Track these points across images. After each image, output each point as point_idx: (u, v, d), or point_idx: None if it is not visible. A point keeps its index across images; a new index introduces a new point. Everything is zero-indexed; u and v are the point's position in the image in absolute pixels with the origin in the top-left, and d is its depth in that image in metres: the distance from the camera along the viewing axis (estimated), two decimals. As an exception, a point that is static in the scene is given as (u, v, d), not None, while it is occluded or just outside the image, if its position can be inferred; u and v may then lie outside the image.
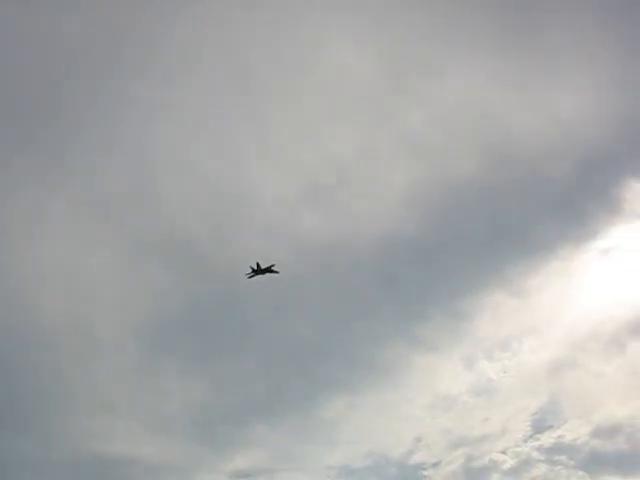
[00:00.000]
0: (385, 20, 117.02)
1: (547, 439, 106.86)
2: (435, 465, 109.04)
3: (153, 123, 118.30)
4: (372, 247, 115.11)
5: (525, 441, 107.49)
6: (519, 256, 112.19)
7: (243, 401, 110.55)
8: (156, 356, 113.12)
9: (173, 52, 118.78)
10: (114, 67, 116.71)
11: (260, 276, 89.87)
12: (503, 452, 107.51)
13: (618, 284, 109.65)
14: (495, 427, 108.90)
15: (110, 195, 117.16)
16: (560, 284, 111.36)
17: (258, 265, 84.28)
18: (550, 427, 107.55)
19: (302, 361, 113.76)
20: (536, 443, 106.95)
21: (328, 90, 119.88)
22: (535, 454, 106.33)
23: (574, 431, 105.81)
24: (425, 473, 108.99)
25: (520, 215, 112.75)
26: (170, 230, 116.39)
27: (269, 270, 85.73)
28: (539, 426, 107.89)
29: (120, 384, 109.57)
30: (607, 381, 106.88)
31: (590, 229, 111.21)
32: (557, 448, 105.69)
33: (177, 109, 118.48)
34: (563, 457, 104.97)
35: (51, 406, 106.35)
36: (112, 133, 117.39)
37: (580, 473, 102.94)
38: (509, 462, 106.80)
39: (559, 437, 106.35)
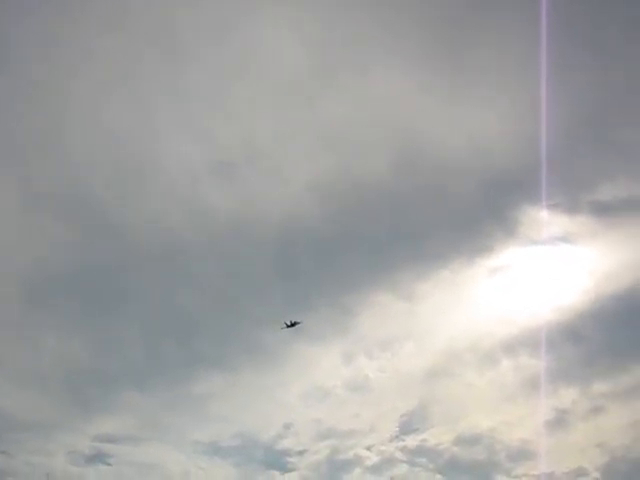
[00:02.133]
0: (321, 15, 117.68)
1: (412, 441, 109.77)
2: (301, 453, 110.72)
3: (67, 74, 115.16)
4: (271, 230, 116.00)
5: (390, 441, 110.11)
6: (412, 262, 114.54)
7: (118, 365, 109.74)
8: (37, 309, 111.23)
9: (100, 10, 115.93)
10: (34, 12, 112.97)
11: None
12: (368, 449, 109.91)
13: (501, 303, 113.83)
14: (364, 424, 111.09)
15: (13, 143, 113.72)
16: (447, 294, 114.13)
17: (291, 322, 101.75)
18: (416, 430, 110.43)
19: (183, 334, 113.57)
20: (401, 444, 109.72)
21: (252, 70, 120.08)
22: (398, 454, 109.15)
23: (438, 437, 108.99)
24: (290, 460, 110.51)
25: (419, 222, 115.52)
26: (71, 185, 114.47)
27: (297, 323, 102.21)
28: (406, 428, 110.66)
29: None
30: (476, 393, 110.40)
31: (484, 246, 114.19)
32: (420, 451, 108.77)
33: (95, 65, 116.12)
34: (424, 460, 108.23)
35: None
36: (20, 79, 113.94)
37: (438, 476, 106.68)
38: (373, 459, 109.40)
39: (423, 440, 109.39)
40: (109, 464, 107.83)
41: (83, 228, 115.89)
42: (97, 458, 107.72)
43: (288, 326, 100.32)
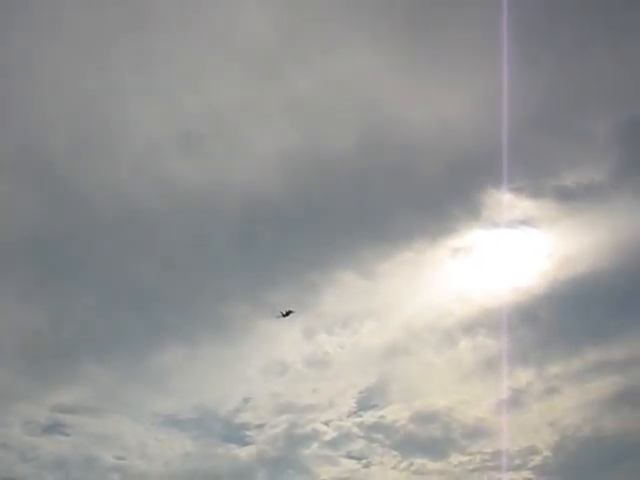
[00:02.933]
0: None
1: (369, 417, 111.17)
2: (259, 427, 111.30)
3: (31, 39, 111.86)
4: (236, 204, 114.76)
5: (348, 416, 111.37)
6: (375, 240, 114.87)
7: (77, 335, 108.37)
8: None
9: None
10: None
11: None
12: (326, 424, 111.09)
13: (462, 283, 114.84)
14: (322, 399, 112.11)
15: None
16: (409, 274, 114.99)
17: (286, 312, 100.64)
18: (374, 407, 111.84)
19: (145, 305, 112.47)
20: (358, 420, 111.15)
21: (221, 43, 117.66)
22: (356, 430, 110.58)
23: (395, 413, 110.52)
24: (248, 433, 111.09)
25: (384, 201, 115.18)
26: (31, 151, 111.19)
27: (290, 312, 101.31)
28: (364, 404, 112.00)
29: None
30: (434, 372, 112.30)
31: (447, 227, 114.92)
32: (377, 427, 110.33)
33: (61, 31, 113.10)
34: (381, 436, 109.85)
35: None
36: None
37: (394, 452, 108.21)
38: (330, 434, 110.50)
39: (380, 417, 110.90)
40: (67, 434, 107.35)
41: (42, 194, 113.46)
42: (54, 429, 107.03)
43: (283, 315, 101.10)
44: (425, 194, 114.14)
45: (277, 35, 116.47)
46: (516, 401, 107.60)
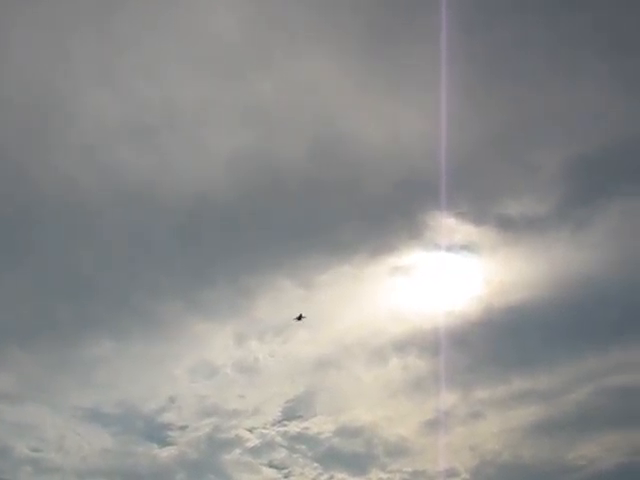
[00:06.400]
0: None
1: (294, 428, 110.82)
2: (182, 428, 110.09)
3: None
4: (182, 200, 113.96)
5: (273, 425, 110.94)
6: (315, 251, 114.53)
7: (3, 318, 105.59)
8: None
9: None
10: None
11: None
12: (250, 430, 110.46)
13: (398, 302, 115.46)
14: (248, 405, 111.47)
15: None
16: (346, 287, 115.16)
17: (300, 316, 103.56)
18: (299, 417, 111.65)
19: (78, 294, 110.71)
20: (282, 429, 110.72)
21: (184, 39, 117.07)
22: (279, 439, 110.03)
23: (320, 425, 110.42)
24: (170, 434, 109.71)
25: (328, 213, 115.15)
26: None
27: (301, 317, 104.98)
28: (289, 414, 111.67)
29: None
30: (363, 388, 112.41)
31: (388, 245, 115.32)
32: (300, 438, 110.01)
33: (18, 9, 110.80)
34: (304, 447, 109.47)
35: None
36: None
37: (315, 464, 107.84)
38: (254, 441, 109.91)
39: (305, 428, 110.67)
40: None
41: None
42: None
43: (297, 319, 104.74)
44: (369, 210, 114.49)
45: (241, 35, 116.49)
46: (440, 423, 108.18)
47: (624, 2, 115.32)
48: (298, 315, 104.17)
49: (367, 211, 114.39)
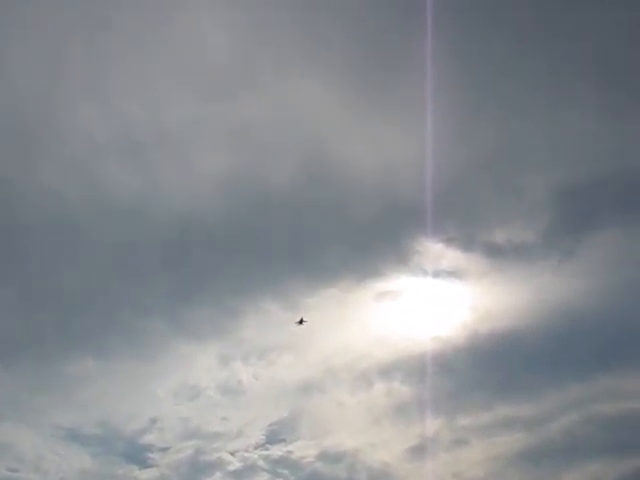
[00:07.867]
0: (248, 17, 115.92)
1: (276, 451, 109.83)
2: (164, 450, 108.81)
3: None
4: (168, 218, 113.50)
5: (255, 448, 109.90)
6: (302, 274, 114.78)
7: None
8: None
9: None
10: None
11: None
12: (232, 454, 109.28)
13: (384, 327, 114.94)
14: (231, 428, 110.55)
15: None
16: (332, 311, 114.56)
17: (301, 319, 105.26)
18: (282, 441, 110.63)
19: (61, 310, 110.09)
20: (265, 452, 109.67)
21: (173, 58, 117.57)
22: (261, 463, 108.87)
23: (303, 450, 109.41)
24: (151, 455, 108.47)
25: (315, 236, 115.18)
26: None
27: (303, 321, 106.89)
28: (272, 438, 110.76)
29: None
30: (346, 412, 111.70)
31: (375, 270, 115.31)
32: (283, 462, 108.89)
33: (17, 25, 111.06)
34: (286, 472, 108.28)
35: None
36: None
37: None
38: (236, 464, 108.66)
39: (288, 452, 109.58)
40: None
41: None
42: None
43: (299, 323, 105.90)
44: (357, 235, 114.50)
45: (230, 55, 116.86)
46: (424, 449, 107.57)
47: (612, 33, 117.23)
48: (300, 319, 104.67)
49: (354, 235, 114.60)
